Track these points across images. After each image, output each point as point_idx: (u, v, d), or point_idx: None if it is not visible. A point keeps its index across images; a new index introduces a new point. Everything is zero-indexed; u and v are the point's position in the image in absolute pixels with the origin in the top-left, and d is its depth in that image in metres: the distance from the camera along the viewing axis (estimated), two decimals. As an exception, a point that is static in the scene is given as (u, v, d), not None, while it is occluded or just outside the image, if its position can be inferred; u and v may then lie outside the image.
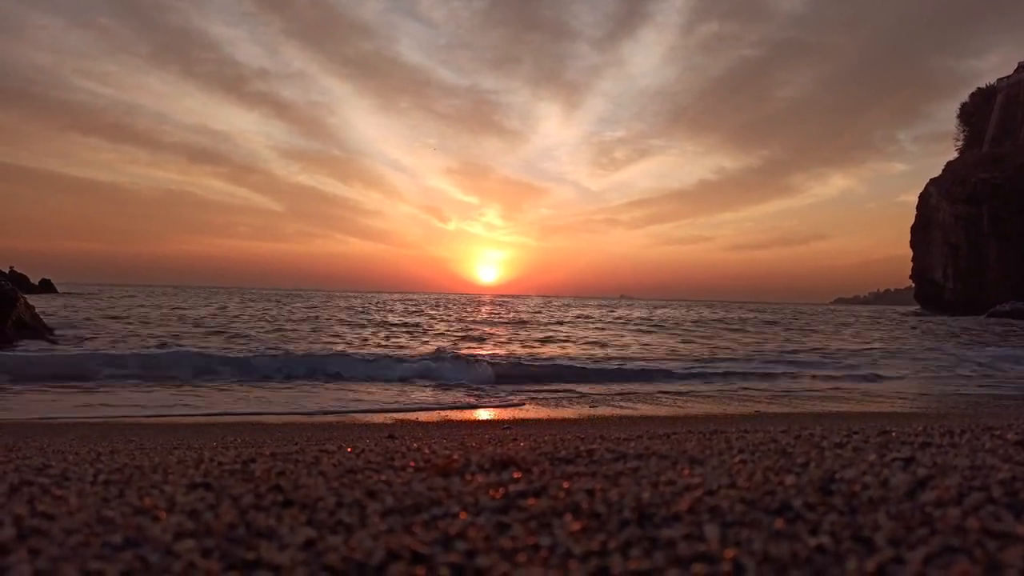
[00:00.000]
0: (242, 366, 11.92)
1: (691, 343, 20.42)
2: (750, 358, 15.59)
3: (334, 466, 1.73)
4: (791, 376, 12.90)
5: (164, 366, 11.65)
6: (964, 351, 18.26)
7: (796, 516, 1.15)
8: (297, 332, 20.55)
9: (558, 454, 1.83)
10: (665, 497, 1.29)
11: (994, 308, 48.51)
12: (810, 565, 0.93)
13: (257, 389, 10.19)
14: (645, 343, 20.31)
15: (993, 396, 10.54)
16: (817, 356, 16.49)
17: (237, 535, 1.09)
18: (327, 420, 7.71)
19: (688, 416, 8.08)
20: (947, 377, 13.27)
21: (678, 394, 10.49)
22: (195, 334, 18.65)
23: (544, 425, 7.15)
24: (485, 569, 0.94)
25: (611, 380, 12.03)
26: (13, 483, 1.53)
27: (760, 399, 10.01)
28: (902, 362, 15.72)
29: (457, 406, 9.06)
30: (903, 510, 1.16)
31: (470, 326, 26.14)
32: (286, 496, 1.35)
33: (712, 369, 13.40)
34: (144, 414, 7.90)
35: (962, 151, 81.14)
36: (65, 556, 0.97)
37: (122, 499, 1.36)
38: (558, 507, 1.24)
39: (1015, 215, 62.44)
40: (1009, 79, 76.98)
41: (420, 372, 12.01)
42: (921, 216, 75.54)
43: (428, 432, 5.56)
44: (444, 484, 1.45)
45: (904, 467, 1.50)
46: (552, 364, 13.83)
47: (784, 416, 7.87)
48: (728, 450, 1.89)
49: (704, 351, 17.53)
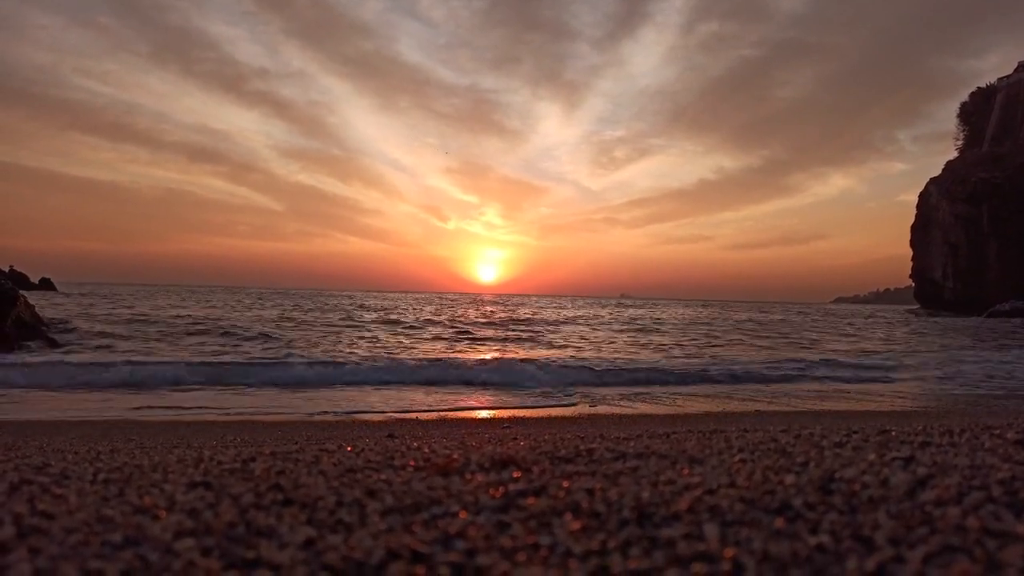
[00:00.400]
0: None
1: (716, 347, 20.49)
2: (762, 361, 15.67)
3: (334, 465, 1.73)
4: (812, 378, 12.98)
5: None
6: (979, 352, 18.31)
7: (796, 515, 1.15)
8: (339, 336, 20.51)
9: (558, 453, 1.83)
10: (665, 496, 1.29)
11: (994, 307, 48.51)
12: (810, 564, 0.93)
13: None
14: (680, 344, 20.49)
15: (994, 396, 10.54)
16: (835, 357, 16.63)
17: (237, 534, 1.09)
18: (326, 420, 7.71)
19: (687, 415, 8.08)
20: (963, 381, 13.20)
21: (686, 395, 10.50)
22: (245, 340, 18.27)
23: (544, 424, 7.14)
24: (485, 568, 0.94)
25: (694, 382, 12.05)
26: (13, 482, 1.53)
27: (760, 399, 10.01)
28: (915, 362, 15.79)
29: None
30: (903, 509, 1.16)
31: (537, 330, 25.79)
32: (286, 495, 1.35)
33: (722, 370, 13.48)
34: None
35: (962, 150, 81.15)
36: (65, 555, 0.97)
37: (122, 498, 1.36)
38: (558, 506, 1.24)
39: (1015, 214, 62.43)
40: (1009, 79, 76.97)
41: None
42: (921, 215, 75.56)
43: (428, 431, 5.56)
44: (444, 483, 1.45)
45: (904, 466, 1.50)
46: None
47: (784, 415, 7.87)
48: (728, 449, 1.89)
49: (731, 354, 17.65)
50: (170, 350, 15.36)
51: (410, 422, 7.45)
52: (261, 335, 19.15)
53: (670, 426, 4.93)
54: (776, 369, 13.69)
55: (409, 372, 12.20)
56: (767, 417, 7.56)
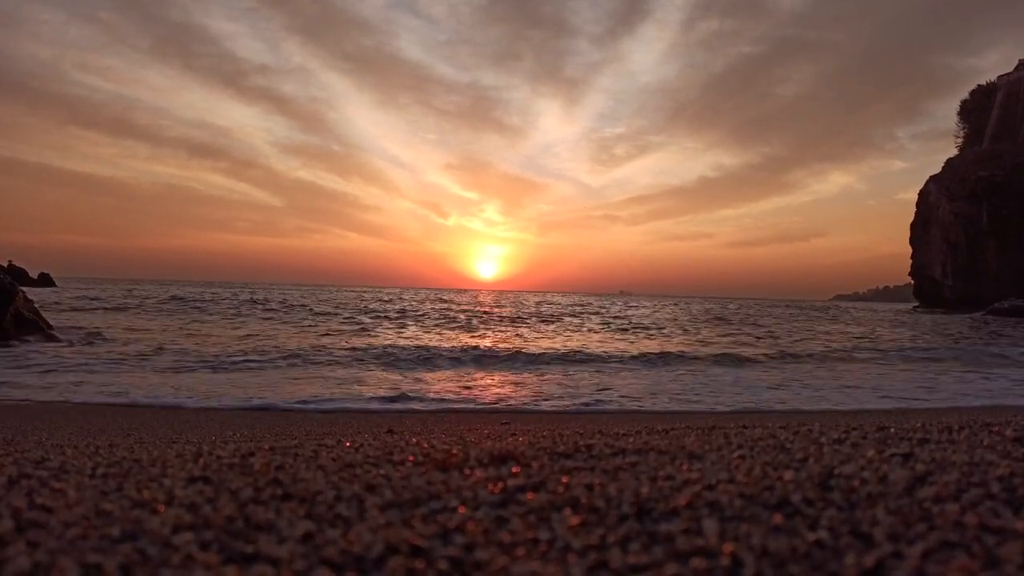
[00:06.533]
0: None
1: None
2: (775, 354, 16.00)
3: (333, 460, 1.73)
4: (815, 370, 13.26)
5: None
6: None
7: (795, 511, 1.15)
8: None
9: (557, 449, 1.83)
10: (664, 492, 1.29)
11: (992, 306, 48.52)
12: (809, 560, 0.93)
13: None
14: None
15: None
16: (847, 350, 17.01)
17: (236, 528, 1.09)
18: (327, 415, 7.71)
19: (687, 412, 8.09)
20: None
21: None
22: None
23: (543, 420, 7.15)
24: (484, 563, 0.94)
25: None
26: (11, 476, 1.52)
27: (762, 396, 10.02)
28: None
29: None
30: (901, 506, 1.16)
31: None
32: (285, 490, 1.35)
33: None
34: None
35: (962, 148, 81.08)
36: (63, 549, 0.97)
37: (120, 492, 1.36)
38: (557, 501, 1.24)
39: (1015, 213, 62.43)
40: (1009, 76, 76.87)
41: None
42: (920, 213, 75.54)
43: (427, 427, 5.57)
44: (443, 478, 1.45)
45: (903, 463, 1.50)
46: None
47: (783, 413, 7.88)
48: (727, 445, 1.89)
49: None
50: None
51: (409, 418, 7.45)
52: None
53: (669, 422, 4.93)
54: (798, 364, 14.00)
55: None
56: (766, 414, 7.57)
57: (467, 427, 5.38)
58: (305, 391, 9.58)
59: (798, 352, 17.24)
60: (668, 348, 17.68)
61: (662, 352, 16.20)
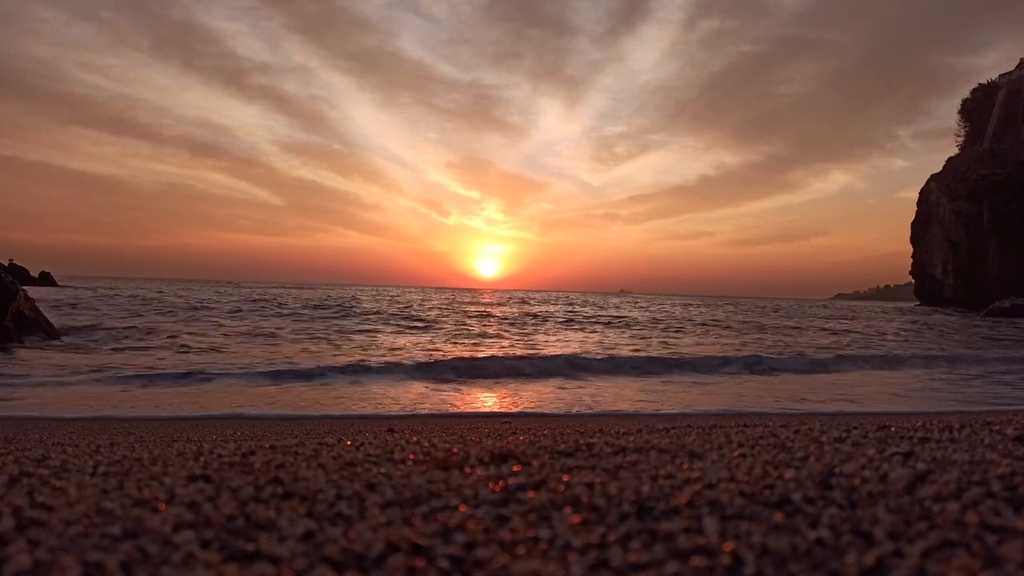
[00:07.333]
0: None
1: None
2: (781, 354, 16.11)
3: (333, 459, 1.73)
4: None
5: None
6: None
7: (795, 510, 1.15)
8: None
9: (558, 447, 1.83)
10: (664, 490, 1.29)
11: (993, 304, 48.46)
12: (809, 558, 0.93)
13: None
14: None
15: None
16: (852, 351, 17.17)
17: (236, 527, 1.09)
18: (329, 414, 7.71)
19: (687, 412, 8.09)
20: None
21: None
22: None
23: (543, 419, 7.15)
24: (484, 561, 0.94)
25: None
26: (12, 474, 1.53)
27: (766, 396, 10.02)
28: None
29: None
30: (902, 504, 1.16)
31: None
32: (285, 488, 1.35)
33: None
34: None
35: (963, 147, 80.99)
36: (64, 547, 0.97)
37: (121, 490, 1.36)
38: (557, 500, 1.24)
39: (1016, 212, 62.37)
40: (1010, 75, 76.79)
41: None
42: (921, 212, 75.49)
43: (427, 426, 5.57)
44: (443, 477, 1.45)
45: (903, 462, 1.50)
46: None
47: (783, 412, 7.88)
48: (727, 444, 1.89)
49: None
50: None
51: (409, 417, 7.46)
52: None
53: (670, 421, 4.93)
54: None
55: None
56: (767, 413, 7.57)
57: (468, 426, 5.38)
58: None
59: (798, 352, 17.26)
60: (668, 348, 17.70)
61: (662, 353, 16.23)
